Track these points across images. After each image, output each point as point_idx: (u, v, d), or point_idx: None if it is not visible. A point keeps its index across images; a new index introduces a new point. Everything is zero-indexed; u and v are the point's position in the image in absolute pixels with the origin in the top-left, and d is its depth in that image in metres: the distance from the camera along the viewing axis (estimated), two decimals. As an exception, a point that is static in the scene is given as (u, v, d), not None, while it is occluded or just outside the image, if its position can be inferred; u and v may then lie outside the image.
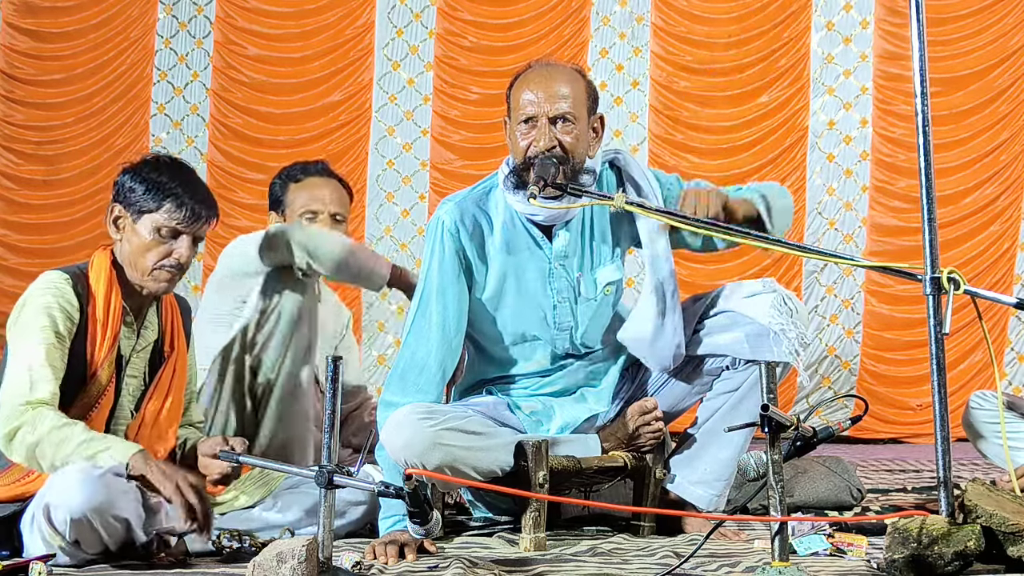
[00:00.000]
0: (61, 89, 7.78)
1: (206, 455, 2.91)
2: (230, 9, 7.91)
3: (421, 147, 7.94)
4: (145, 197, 2.91)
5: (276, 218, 3.77)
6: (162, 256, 2.92)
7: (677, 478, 3.31)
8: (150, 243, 2.91)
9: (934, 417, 2.50)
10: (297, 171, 3.79)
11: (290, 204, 3.74)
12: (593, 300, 3.25)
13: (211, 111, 7.88)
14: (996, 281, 7.67)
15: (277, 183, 3.81)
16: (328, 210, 3.70)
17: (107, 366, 2.91)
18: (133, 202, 2.92)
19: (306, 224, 3.65)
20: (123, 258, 2.96)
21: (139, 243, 2.92)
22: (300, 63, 7.92)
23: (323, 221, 3.69)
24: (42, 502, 2.67)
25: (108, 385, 2.92)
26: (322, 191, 3.74)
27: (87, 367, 2.89)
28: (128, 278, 2.96)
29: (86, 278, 2.94)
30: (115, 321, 2.92)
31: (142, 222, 2.92)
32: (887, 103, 7.85)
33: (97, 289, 2.92)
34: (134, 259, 2.93)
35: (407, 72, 7.99)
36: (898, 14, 7.76)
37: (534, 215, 3.16)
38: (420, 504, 2.42)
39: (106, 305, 2.91)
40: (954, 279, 2.49)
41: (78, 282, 2.91)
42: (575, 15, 7.97)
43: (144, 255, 2.92)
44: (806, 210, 7.91)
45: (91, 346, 2.89)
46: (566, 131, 3.10)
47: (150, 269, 2.92)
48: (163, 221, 2.91)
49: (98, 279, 2.93)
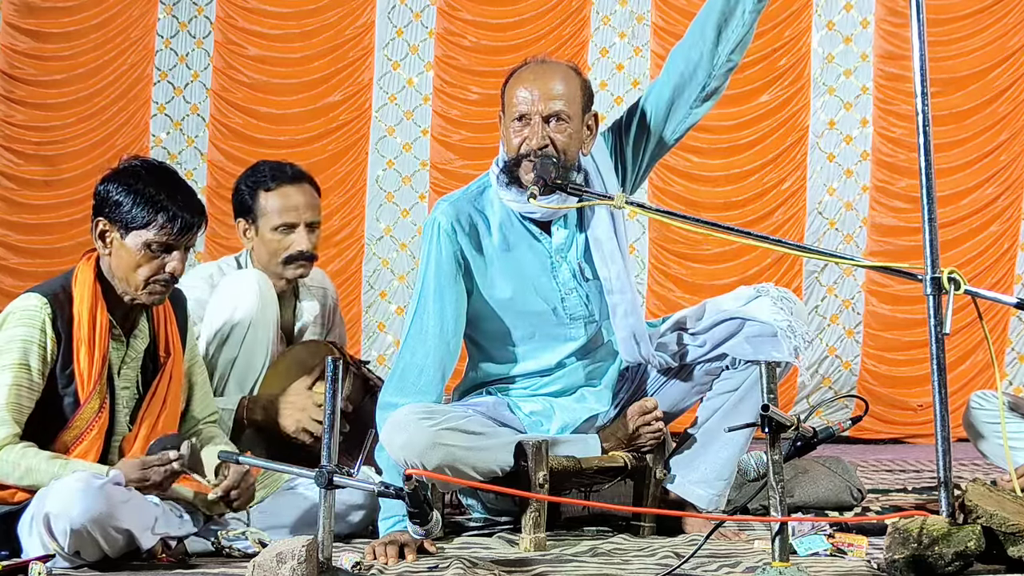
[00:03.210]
0: (61, 89, 7.77)
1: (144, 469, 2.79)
2: (230, 9, 7.91)
3: (421, 147, 7.94)
4: (133, 212, 2.81)
5: (245, 225, 3.60)
6: (155, 271, 2.84)
7: (677, 478, 3.31)
8: (141, 259, 2.83)
9: (934, 417, 2.50)
10: (266, 177, 3.60)
11: (262, 213, 3.56)
12: (597, 281, 3.23)
13: (211, 111, 7.87)
14: (996, 281, 7.66)
15: (245, 189, 3.61)
16: (303, 219, 3.56)
17: (99, 387, 2.84)
18: (119, 217, 2.82)
19: (281, 237, 3.54)
20: (111, 271, 2.88)
21: (129, 259, 2.84)
22: (300, 63, 7.91)
23: (300, 233, 3.55)
24: (42, 509, 2.64)
25: (102, 406, 2.85)
26: (296, 199, 3.57)
27: (76, 389, 2.82)
28: (116, 290, 2.89)
29: (68, 297, 2.85)
30: (102, 339, 2.84)
31: (131, 238, 2.83)
32: (887, 103, 7.84)
33: (81, 310, 2.83)
34: (124, 274, 2.85)
35: (407, 72, 7.98)
36: (898, 14, 7.75)
37: (531, 212, 3.16)
38: (420, 504, 2.42)
39: (91, 323, 2.83)
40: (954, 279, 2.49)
41: (58, 306, 2.83)
42: (575, 15, 7.96)
43: (135, 271, 2.84)
44: (806, 210, 7.90)
45: (78, 367, 2.82)
46: (559, 129, 3.10)
47: (143, 284, 2.85)
48: (154, 237, 2.82)
49: (82, 297, 2.84)
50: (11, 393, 2.78)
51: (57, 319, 2.83)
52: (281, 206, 3.55)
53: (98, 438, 2.86)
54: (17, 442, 2.77)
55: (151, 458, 2.76)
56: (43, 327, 2.81)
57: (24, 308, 2.84)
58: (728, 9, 3.11)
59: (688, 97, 3.20)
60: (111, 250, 2.87)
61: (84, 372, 2.83)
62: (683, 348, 3.28)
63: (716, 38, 3.13)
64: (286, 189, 3.58)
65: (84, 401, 2.83)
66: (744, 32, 3.13)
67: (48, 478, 2.71)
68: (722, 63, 3.15)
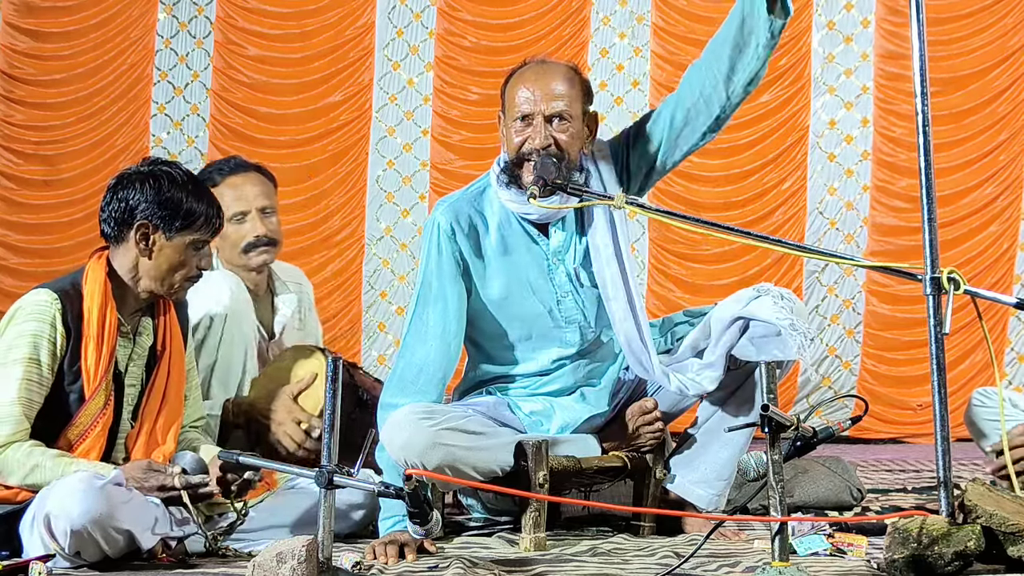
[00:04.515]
0: (61, 89, 7.77)
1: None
2: (230, 9, 7.91)
3: (421, 147, 7.94)
4: (182, 218, 2.92)
5: None
6: (192, 270, 2.96)
7: (677, 478, 3.31)
8: (184, 259, 2.95)
9: (934, 417, 2.50)
10: (213, 173, 3.69)
11: None
12: (594, 288, 3.23)
13: (211, 111, 7.87)
14: (996, 281, 7.67)
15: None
16: (254, 206, 3.63)
17: (105, 383, 2.87)
18: (166, 220, 2.92)
19: (236, 227, 3.58)
20: (144, 272, 2.94)
21: (175, 259, 2.94)
22: (300, 63, 7.91)
23: (252, 219, 3.61)
24: (43, 509, 2.64)
25: (107, 403, 2.88)
26: (244, 188, 3.65)
27: (83, 385, 2.85)
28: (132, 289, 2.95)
29: (79, 295, 2.89)
30: (111, 337, 2.88)
31: (176, 241, 2.93)
32: (888, 103, 7.84)
33: (91, 307, 2.88)
34: (162, 275, 2.94)
35: (407, 72, 7.98)
36: (899, 14, 7.75)
37: (528, 214, 3.16)
38: (420, 504, 2.42)
39: (100, 321, 2.87)
40: (954, 279, 2.49)
41: (68, 302, 2.87)
42: (575, 15, 7.96)
43: (175, 272, 2.95)
44: (807, 210, 7.90)
45: (84, 364, 2.86)
46: (562, 129, 3.10)
47: (179, 282, 2.96)
48: (200, 236, 2.95)
49: (92, 295, 2.89)
50: (21, 387, 2.81)
51: (67, 315, 2.86)
52: (231, 196, 3.61)
53: (102, 435, 2.88)
54: (26, 439, 2.80)
55: (156, 470, 2.81)
56: (53, 322, 2.85)
57: (35, 303, 2.87)
58: (742, 41, 3.03)
59: (701, 124, 3.17)
60: (153, 252, 2.94)
61: (91, 369, 2.86)
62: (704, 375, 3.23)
63: (730, 71, 3.06)
64: (233, 179, 3.67)
65: (89, 397, 2.86)
66: (758, 67, 3.06)
67: (53, 477, 2.73)
68: (737, 94, 3.10)
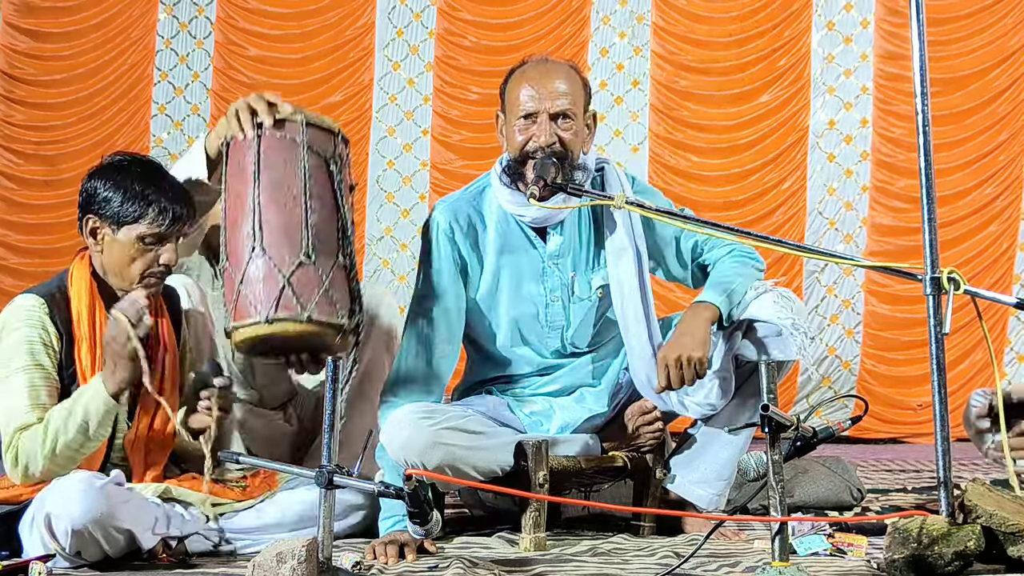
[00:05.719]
0: (61, 89, 7.77)
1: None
2: (231, 10, 7.91)
3: (421, 147, 7.94)
4: (123, 208, 2.83)
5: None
6: (149, 264, 2.85)
7: (677, 478, 3.31)
8: (134, 252, 2.84)
9: (934, 417, 2.50)
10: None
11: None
12: (586, 300, 3.25)
13: (212, 112, 7.87)
14: (995, 281, 7.67)
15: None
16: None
17: None
18: (111, 213, 2.84)
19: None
20: (104, 267, 2.89)
21: (123, 254, 2.85)
22: (300, 64, 7.92)
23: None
24: (43, 509, 2.64)
25: None
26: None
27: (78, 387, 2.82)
28: (112, 286, 2.90)
29: (65, 297, 2.87)
30: (101, 336, 2.84)
31: (123, 233, 2.84)
32: (887, 103, 7.84)
33: (79, 308, 2.85)
34: (119, 269, 2.86)
35: (407, 72, 7.99)
36: (898, 14, 7.76)
37: (523, 216, 3.16)
38: (420, 504, 2.42)
39: (91, 322, 2.85)
40: (954, 279, 2.49)
41: (55, 305, 2.85)
42: (575, 15, 7.97)
43: (130, 266, 2.85)
44: (807, 210, 7.90)
45: (79, 365, 2.84)
46: (566, 127, 3.10)
47: (138, 278, 2.85)
48: (146, 230, 2.83)
49: (79, 296, 2.87)
50: (29, 395, 2.79)
51: (55, 318, 2.84)
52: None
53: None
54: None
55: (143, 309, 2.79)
56: (43, 325, 2.82)
57: (22, 308, 2.85)
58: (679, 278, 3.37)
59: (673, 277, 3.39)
60: (103, 246, 2.88)
61: (86, 370, 2.84)
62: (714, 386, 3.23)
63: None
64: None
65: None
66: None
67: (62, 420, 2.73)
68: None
